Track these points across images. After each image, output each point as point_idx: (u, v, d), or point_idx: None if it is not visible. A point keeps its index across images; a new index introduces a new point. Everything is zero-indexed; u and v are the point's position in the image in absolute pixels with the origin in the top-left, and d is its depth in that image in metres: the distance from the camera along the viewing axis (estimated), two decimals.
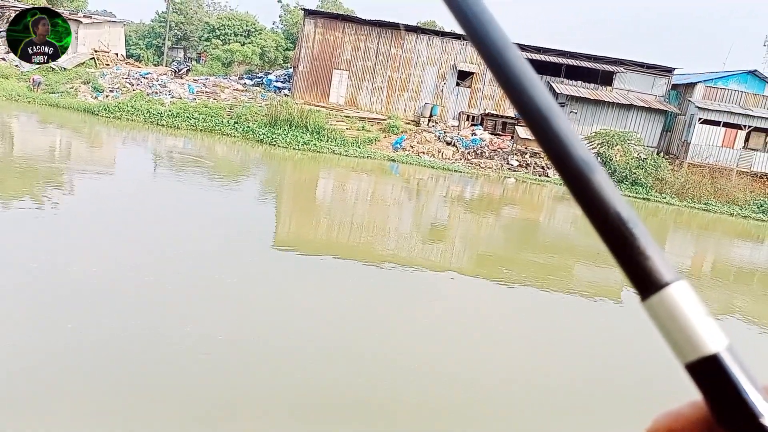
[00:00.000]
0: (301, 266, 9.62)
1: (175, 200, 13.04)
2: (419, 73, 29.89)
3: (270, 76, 34.68)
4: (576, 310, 9.82)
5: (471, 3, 0.38)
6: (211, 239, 10.13)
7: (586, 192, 0.36)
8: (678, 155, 29.04)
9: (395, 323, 7.71)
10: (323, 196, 17.78)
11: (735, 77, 30.13)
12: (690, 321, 0.34)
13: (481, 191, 22.44)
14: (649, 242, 0.35)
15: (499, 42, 0.38)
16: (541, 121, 0.37)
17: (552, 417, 5.99)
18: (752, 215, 25.53)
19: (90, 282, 7.30)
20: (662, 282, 0.34)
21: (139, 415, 4.81)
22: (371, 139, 26.48)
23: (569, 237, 17.09)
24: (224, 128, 24.27)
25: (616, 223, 0.36)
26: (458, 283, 10.19)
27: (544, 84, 0.38)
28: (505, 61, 0.38)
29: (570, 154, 0.36)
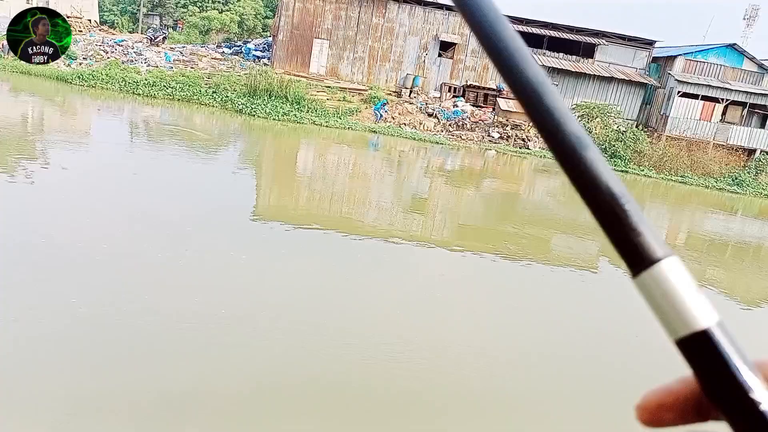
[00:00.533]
0: (280, 238, 9.59)
1: (151, 171, 12.85)
2: (401, 44, 29.55)
3: (249, 45, 34.00)
4: (554, 280, 9.97)
5: None
6: (187, 210, 10.03)
7: (578, 168, 0.36)
8: (657, 128, 29.30)
9: (373, 295, 7.76)
10: (304, 167, 17.66)
11: (714, 51, 30.31)
12: (681, 297, 0.34)
13: (462, 163, 22.47)
14: (640, 218, 0.35)
15: (489, 14, 0.37)
16: (533, 96, 0.37)
17: (529, 385, 6.12)
18: (727, 188, 26.00)
19: (67, 255, 7.20)
20: (653, 258, 0.34)
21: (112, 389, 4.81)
22: (352, 110, 26.24)
23: (549, 209, 17.26)
24: (202, 98, 23.84)
25: (607, 199, 0.36)
26: (439, 254, 10.26)
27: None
28: (495, 34, 0.37)
29: (562, 129, 0.36)
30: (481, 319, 7.57)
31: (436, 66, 29.88)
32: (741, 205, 23.88)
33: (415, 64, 29.71)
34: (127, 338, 5.52)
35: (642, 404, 0.35)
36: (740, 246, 16.28)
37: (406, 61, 29.69)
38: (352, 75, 29.45)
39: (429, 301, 7.84)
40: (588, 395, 6.11)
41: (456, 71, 29.98)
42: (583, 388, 6.24)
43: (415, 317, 7.21)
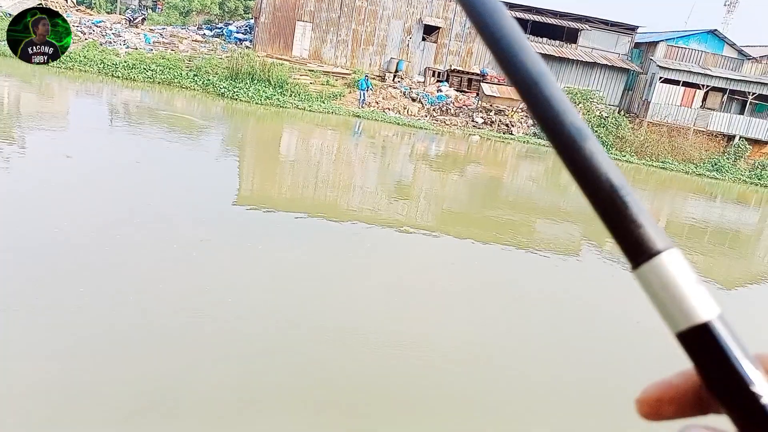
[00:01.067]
0: (263, 224, 9.53)
1: (131, 156, 12.65)
2: (385, 27, 29.30)
3: (230, 27, 33.51)
4: (537, 265, 10.05)
5: None
6: (169, 196, 9.91)
7: (577, 159, 0.36)
8: (638, 114, 29.53)
9: (356, 281, 7.76)
10: (287, 152, 17.52)
11: (696, 36, 30.55)
12: (681, 289, 0.33)
13: (447, 148, 22.47)
14: (640, 210, 0.35)
15: (487, 2, 0.37)
16: (532, 86, 0.36)
17: (509, 369, 6.19)
18: (706, 173, 26.36)
19: (50, 242, 7.08)
20: (654, 250, 0.34)
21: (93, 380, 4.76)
22: (336, 94, 26.04)
23: (532, 194, 17.36)
24: (183, 81, 23.47)
25: (607, 191, 0.35)
26: (423, 239, 10.27)
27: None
28: (494, 22, 0.37)
29: (562, 121, 0.36)
30: (464, 306, 7.62)
31: (420, 50, 29.71)
32: (720, 190, 24.24)
33: (399, 48, 29.52)
34: (111, 334, 5.46)
35: (642, 398, 0.35)
36: (719, 230, 16.55)
37: (390, 45, 29.48)
38: (336, 59, 29.18)
39: (414, 287, 7.85)
40: (575, 384, 6.19)
41: (440, 56, 29.85)
42: (577, 384, 6.32)
43: (400, 304, 7.23)
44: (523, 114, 27.84)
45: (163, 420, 4.38)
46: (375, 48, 29.44)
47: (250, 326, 5.90)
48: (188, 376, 4.94)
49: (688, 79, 28.48)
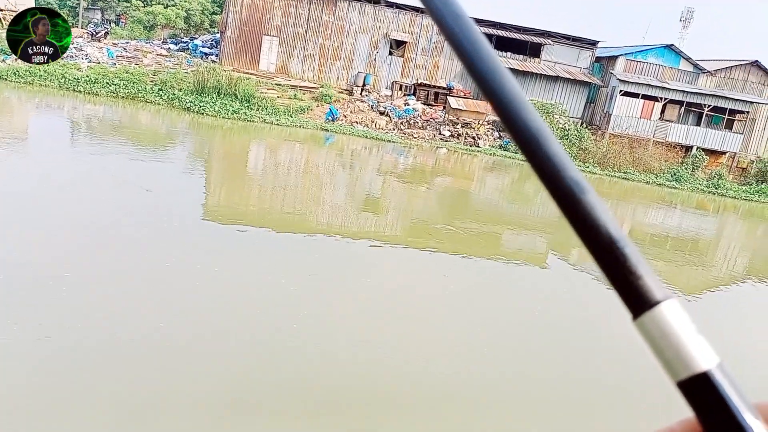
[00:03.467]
0: (232, 240, 9.43)
1: (94, 172, 12.40)
2: (351, 41, 29.49)
3: (196, 41, 33.24)
4: (505, 275, 10.18)
5: (462, 27, 0.39)
6: (135, 213, 9.73)
7: (577, 212, 0.37)
8: (600, 126, 30.29)
9: (325, 295, 7.73)
10: (255, 166, 17.41)
11: (653, 51, 31.55)
12: (681, 339, 0.34)
13: (415, 161, 22.64)
14: (639, 261, 0.36)
15: (490, 64, 0.39)
16: (533, 143, 0.38)
17: (477, 376, 6.24)
18: (666, 183, 27.14)
19: (8, 264, 6.88)
20: (653, 300, 0.35)
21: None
22: (303, 108, 26.03)
23: (498, 205, 17.59)
24: (147, 95, 23.15)
25: (607, 243, 0.36)
26: (391, 252, 10.31)
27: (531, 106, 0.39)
28: (498, 85, 0.38)
29: (561, 175, 0.37)
30: (432, 316, 7.66)
31: (387, 64, 29.96)
32: (679, 199, 24.97)
33: (366, 62, 29.72)
34: (68, 350, 5.32)
35: None
36: (679, 238, 17.03)
37: (357, 59, 29.66)
38: (303, 73, 29.21)
39: (382, 299, 7.87)
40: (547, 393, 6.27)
41: (407, 69, 30.15)
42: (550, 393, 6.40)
43: (369, 317, 7.23)
44: (489, 127, 28.28)
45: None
46: (342, 62, 29.57)
47: (199, 343, 5.82)
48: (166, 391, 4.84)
49: (647, 92, 29.37)
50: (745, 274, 14.16)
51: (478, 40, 0.40)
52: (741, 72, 31.27)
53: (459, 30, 0.40)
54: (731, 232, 20.80)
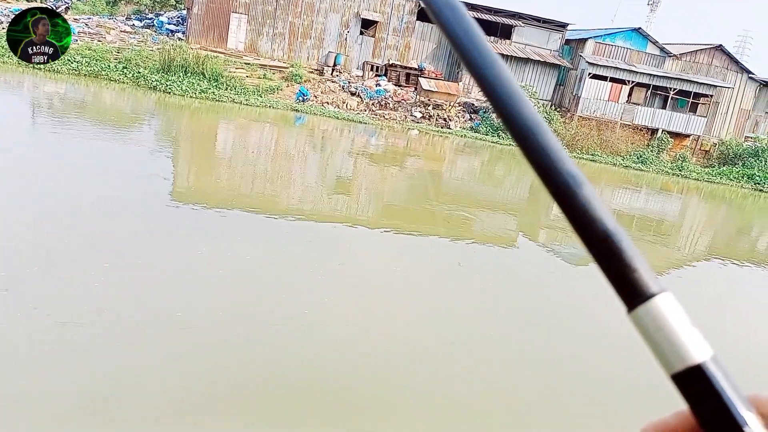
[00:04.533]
0: (201, 221, 9.29)
1: (57, 152, 12.04)
2: (322, 20, 29.07)
3: (161, 18, 32.34)
4: (476, 256, 10.28)
5: (459, 20, 0.40)
6: (100, 194, 9.49)
7: (573, 206, 0.37)
8: (569, 108, 30.63)
9: (297, 277, 7.70)
10: (224, 147, 17.13)
11: (621, 34, 31.91)
12: (675, 332, 0.34)
13: (386, 142, 22.57)
14: (635, 254, 0.36)
15: (487, 58, 0.39)
16: (529, 136, 0.38)
17: (448, 353, 6.31)
18: (632, 165, 27.68)
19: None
20: (648, 293, 0.35)
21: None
22: (273, 88, 25.65)
23: (469, 187, 17.71)
24: (111, 73, 22.47)
25: (602, 236, 0.36)
26: (363, 234, 10.30)
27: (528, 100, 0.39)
28: (494, 77, 0.39)
29: (557, 168, 0.38)
30: (405, 298, 7.70)
31: (358, 44, 29.66)
32: (645, 181, 25.51)
33: (337, 42, 29.37)
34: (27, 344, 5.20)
35: None
36: (645, 219, 17.43)
37: (328, 39, 29.28)
38: (273, 52, 28.72)
39: (355, 281, 7.87)
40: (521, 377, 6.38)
41: (378, 50, 29.91)
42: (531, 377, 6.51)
43: (340, 298, 7.23)
44: (460, 109, 28.33)
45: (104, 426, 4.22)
46: (313, 41, 29.16)
47: (187, 329, 5.75)
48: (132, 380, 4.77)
49: (615, 75, 29.76)
50: (708, 253, 14.59)
51: (474, 33, 0.40)
52: (705, 56, 31.90)
53: (455, 22, 0.40)
54: (694, 213, 21.38)
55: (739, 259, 14.05)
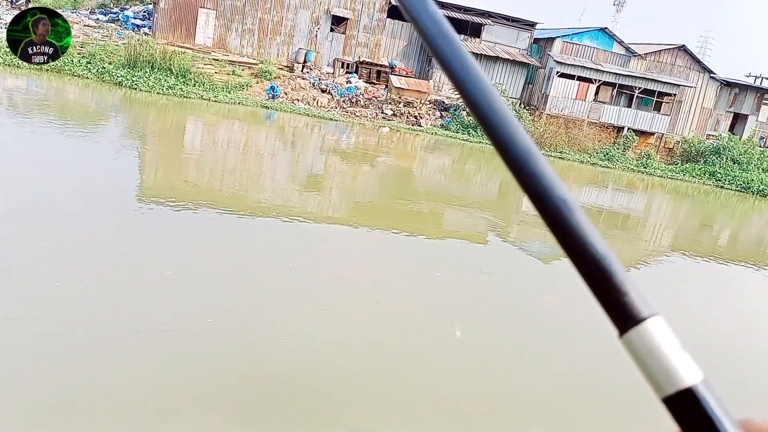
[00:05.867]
0: (169, 219, 9.14)
1: (17, 151, 11.70)
2: (292, 17, 28.84)
3: (127, 12, 31.66)
4: (447, 253, 10.35)
5: (455, 49, 0.41)
6: (62, 194, 9.26)
7: (564, 231, 0.37)
8: (538, 106, 31.03)
9: (268, 276, 7.65)
10: (192, 144, 16.87)
11: (588, 34, 32.45)
12: (666, 355, 0.35)
13: (357, 140, 22.54)
14: (625, 278, 0.37)
15: (480, 84, 0.40)
16: (522, 162, 0.39)
17: (423, 348, 6.35)
18: (599, 163, 28.19)
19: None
20: (639, 317, 0.36)
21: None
22: (242, 85, 25.36)
23: (440, 184, 17.81)
24: (75, 68, 21.92)
25: (593, 261, 0.37)
26: (335, 231, 10.28)
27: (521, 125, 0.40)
28: (487, 104, 0.40)
29: (549, 194, 0.38)
30: (376, 296, 7.71)
31: (329, 41, 29.53)
32: (611, 178, 26.02)
33: (307, 39, 29.18)
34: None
35: None
36: (610, 215, 17.78)
37: (298, 35, 29.07)
38: (242, 48, 28.39)
39: (325, 280, 7.85)
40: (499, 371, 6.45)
41: (349, 47, 29.82)
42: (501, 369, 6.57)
43: (311, 297, 7.20)
44: (431, 106, 28.44)
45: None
46: (282, 38, 28.92)
47: (155, 330, 5.66)
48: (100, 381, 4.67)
49: (582, 74, 30.25)
50: (671, 248, 14.97)
51: (467, 61, 0.41)
52: (669, 56, 32.67)
53: (450, 51, 0.41)
54: (659, 209, 21.90)
55: (699, 252, 14.45)
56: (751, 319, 10.05)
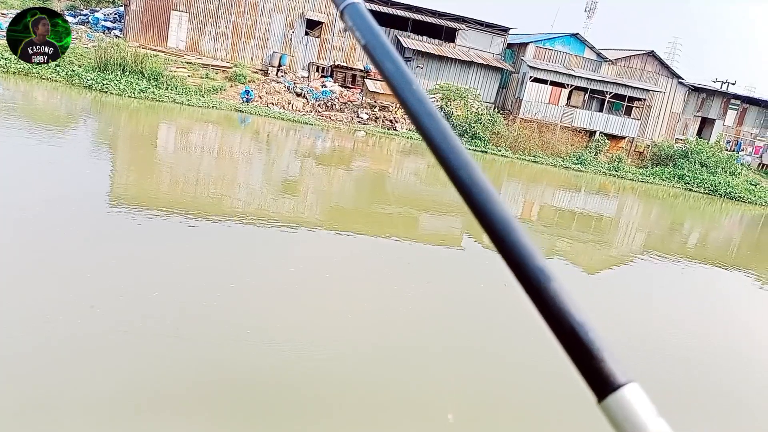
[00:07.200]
0: (142, 226, 8.99)
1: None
2: (266, 20, 28.69)
3: (97, 14, 31.12)
4: (423, 256, 10.37)
5: (436, 125, 0.44)
6: (32, 199, 9.04)
7: (542, 299, 0.38)
8: (512, 111, 31.37)
9: (243, 281, 7.57)
10: (165, 149, 16.64)
11: (560, 39, 32.92)
12: (643, 421, 0.36)
13: (333, 144, 22.49)
14: (603, 346, 0.38)
15: (461, 160, 0.43)
16: (501, 232, 0.40)
17: (398, 351, 6.35)
18: (572, 166, 28.60)
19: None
20: (616, 384, 0.37)
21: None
22: (216, 88, 25.11)
23: (416, 188, 17.86)
24: (43, 71, 21.45)
25: (571, 328, 0.38)
26: (311, 236, 10.22)
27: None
28: (469, 179, 0.42)
29: (527, 263, 0.39)
30: (352, 301, 7.69)
31: (303, 45, 29.44)
32: (584, 181, 26.41)
33: (282, 42, 29.05)
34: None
35: None
36: (583, 218, 18.04)
37: (272, 39, 28.92)
38: (215, 51, 28.13)
39: (301, 283, 7.80)
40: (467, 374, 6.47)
41: (324, 51, 29.77)
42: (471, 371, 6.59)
43: (288, 302, 7.15)
44: None
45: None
46: (257, 41, 28.74)
47: (129, 336, 5.56)
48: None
49: (555, 79, 30.68)
50: (643, 249, 15.24)
51: (449, 136, 0.43)
52: (639, 61, 33.32)
53: (433, 127, 0.44)
54: (630, 212, 22.29)
55: (668, 252, 14.75)
56: (718, 317, 10.28)
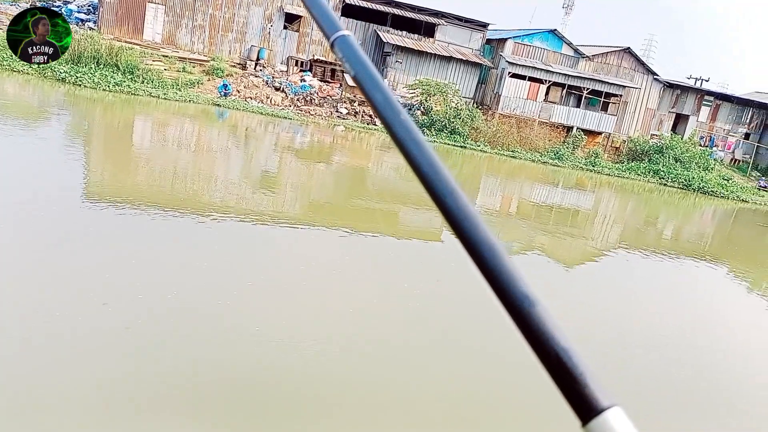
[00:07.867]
0: (117, 222, 8.85)
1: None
2: (244, 13, 28.39)
3: (70, 6, 30.47)
4: (402, 251, 10.39)
5: (422, 152, 0.46)
6: (3, 195, 8.85)
7: (527, 323, 0.39)
8: (491, 106, 31.51)
9: (222, 277, 7.51)
10: (141, 143, 16.39)
11: (539, 35, 33.15)
12: None
13: (312, 139, 22.38)
14: (586, 370, 0.38)
15: (448, 188, 0.44)
16: (486, 259, 0.41)
17: (379, 345, 6.35)
18: (550, 161, 28.86)
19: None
20: (599, 408, 0.37)
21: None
22: (193, 82, 24.78)
23: (395, 183, 17.87)
24: (15, 63, 20.95)
25: (555, 353, 0.39)
26: (289, 232, 10.17)
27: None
28: (455, 206, 0.43)
29: (512, 289, 0.40)
30: (331, 296, 7.67)
31: (282, 38, 29.21)
32: (561, 176, 26.68)
33: (260, 36, 28.78)
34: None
35: None
36: (561, 212, 18.23)
37: (250, 32, 28.64)
38: (192, 44, 27.76)
39: (281, 280, 7.76)
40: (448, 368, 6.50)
41: (302, 45, 29.57)
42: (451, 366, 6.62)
43: (266, 298, 7.11)
44: None
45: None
46: (235, 35, 28.43)
47: (110, 338, 5.47)
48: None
49: (533, 75, 30.89)
50: (618, 243, 15.47)
51: (437, 164, 0.45)
52: (615, 58, 33.71)
53: (419, 154, 0.46)
54: (606, 206, 22.59)
55: (643, 245, 14.99)
56: (687, 307, 10.49)
